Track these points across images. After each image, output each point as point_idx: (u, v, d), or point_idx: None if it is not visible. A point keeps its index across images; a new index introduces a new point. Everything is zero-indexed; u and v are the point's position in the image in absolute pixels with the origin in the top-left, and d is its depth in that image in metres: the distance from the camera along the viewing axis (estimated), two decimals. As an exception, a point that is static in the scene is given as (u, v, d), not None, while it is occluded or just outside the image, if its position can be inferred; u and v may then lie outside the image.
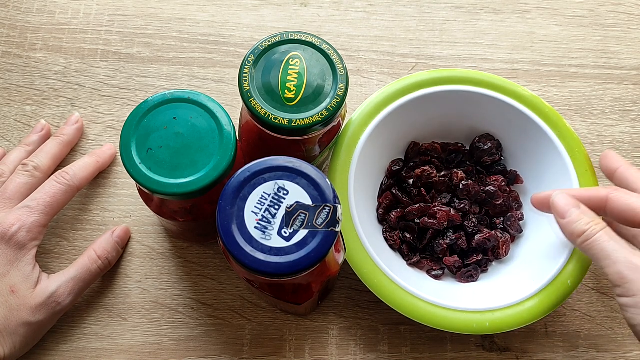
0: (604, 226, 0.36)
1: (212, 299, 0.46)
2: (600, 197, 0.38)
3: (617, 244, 0.35)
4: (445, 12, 0.56)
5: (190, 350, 0.45)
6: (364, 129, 0.44)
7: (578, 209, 0.38)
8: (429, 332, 0.46)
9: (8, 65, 0.52)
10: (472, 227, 0.46)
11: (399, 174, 0.48)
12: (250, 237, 0.32)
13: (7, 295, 0.41)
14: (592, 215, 0.37)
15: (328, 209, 0.33)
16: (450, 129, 0.48)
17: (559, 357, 0.46)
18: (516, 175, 0.48)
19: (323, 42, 0.39)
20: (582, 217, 0.37)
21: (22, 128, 0.50)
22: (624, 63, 0.54)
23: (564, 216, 0.38)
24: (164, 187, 0.35)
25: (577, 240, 0.37)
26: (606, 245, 0.35)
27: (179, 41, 0.53)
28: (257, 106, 0.37)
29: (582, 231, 0.36)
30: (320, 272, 0.37)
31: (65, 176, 0.44)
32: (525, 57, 0.54)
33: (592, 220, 0.37)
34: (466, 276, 0.45)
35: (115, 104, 0.51)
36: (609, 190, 0.38)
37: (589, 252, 0.36)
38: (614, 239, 0.35)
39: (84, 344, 0.45)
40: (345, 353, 0.45)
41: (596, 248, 0.36)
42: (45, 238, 0.47)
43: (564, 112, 0.53)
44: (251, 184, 0.33)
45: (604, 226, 0.36)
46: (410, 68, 0.54)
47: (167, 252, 0.47)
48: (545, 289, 0.41)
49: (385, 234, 0.46)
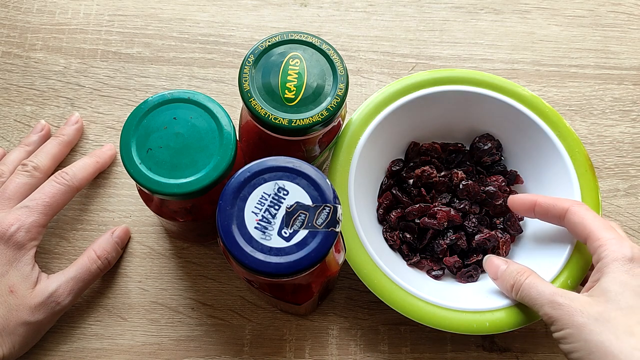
0: (529, 274, 0.39)
1: (212, 299, 0.46)
2: (562, 208, 0.40)
3: (542, 288, 0.38)
4: (445, 12, 0.56)
5: (190, 350, 0.45)
6: (364, 129, 0.44)
7: (505, 265, 0.41)
8: (429, 332, 0.46)
9: (8, 65, 0.52)
10: (472, 227, 0.46)
11: (399, 174, 0.48)
12: (250, 237, 0.32)
13: (6, 295, 0.41)
14: (518, 267, 0.41)
15: (328, 209, 0.33)
16: (450, 129, 0.48)
17: (559, 357, 0.46)
18: (516, 176, 0.48)
19: (323, 42, 0.39)
20: (509, 271, 0.41)
21: (22, 128, 0.50)
22: (624, 63, 0.54)
23: (496, 276, 0.42)
24: (164, 187, 0.35)
25: (512, 294, 0.40)
26: (532, 292, 0.38)
27: (179, 41, 0.53)
28: (257, 106, 0.37)
29: (511, 285, 0.40)
30: (320, 272, 0.37)
31: (65, 176, 0.44)
32: (525, 57, 0.54)
33: (517, 272, 0.40)
34: (466, 276, 0.45)
35: (115, 104, 0.51)
36: (571, 203, 0.40)
37: (524, 301, 0.39)
38: (538, 284, 0.38)
39: (84, 344, 0.45)
40: (345, 353, 0.45)
41: (525, 296, 0.39)
42: (45, 238, 0.47)
43: (564, 112, 0.53)
44: (251, 184, 0.33)
45: (530, 274, 0.40)
46: (410, 68, 0.54)
47: (167, 252, 0.47)
48: None
49: (385, 234, 0.46)
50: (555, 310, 0.36)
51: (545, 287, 0.38)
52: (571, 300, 0.36)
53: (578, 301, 0.36)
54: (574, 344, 0.35)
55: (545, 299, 0.37)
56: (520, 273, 0.40)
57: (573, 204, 0.40)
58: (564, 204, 0.41)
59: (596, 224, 0.38)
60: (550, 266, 0.42)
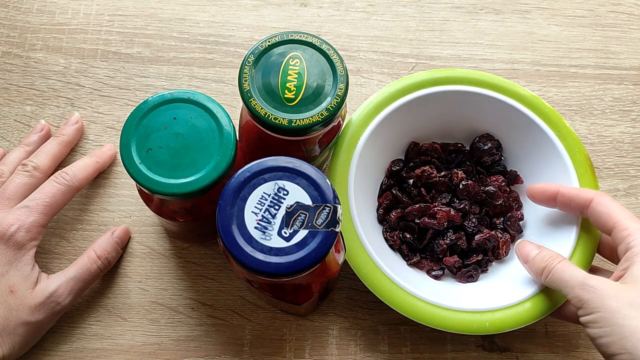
0: (562, 259, 0.40)
1: (212, 299, 0.46)
2: (586, 197, 0.41)
3: (574, 272, 0.38)
4: (445, 12, 0.56)
5: (190, 350, 0.45)
6: (364, 129, 0.44)
7: (537, 250, 0.42)
8: (429, 332, 0.46)
9: (8, 65, 0.52)
10: (472, 227, 0.46)
11: (399, 174, 0.48)
12: (250, 237, 0.32)
13: (6, 295, 0.41)
14: (551, 252, 0.41)
15: (328, 209, 0.33)
16: (450, 129, 0.48)
17: (559, 357, 0.46)
18: (516, 176, 0.48)
19: (323, 42, 0.39)
20: (542, 255, 0.41)
21: (22, 128, 0.50)
22: (624, 63, 0.54)
23: (527, 259, 0.42)
24: (164, 187, 0.35)
25: (541, 276, 0.40)
26: (564, 275, 0.38)
27: (179, 41, 0.53)
28: (257, 106, 0.37)
29: (542, 267, 0.40)
30: (320, 272, 0.37)
31: (65, 176, 0.44)
32: (525, 57, 0.54)
33: (550, 257, 0.40)
34: (466, 276, 0.45)
35: (115, 104, 0.51)
36: (596, 193, 0.41)
37: (553, 285, 0.39)
38: (570, 268, 0.38)
39: (84, 344, 0.45)
40: (345, 353, 0.45)
41: (556, 279, 0.39)
42: (45, 238, 0.47)
43: (564, 112, 0.53)
44: (251, 184, 0.33)
45: (562, 259, 0.40)
46: (410, 68, 0.54)
47: (167, 252, 0.47)
48: (546, 289, 0.41)
49: (385, 234, 0.46)
50: (587, 293, 0.36)
51: (578, 271, 0.38)
52: (604, 284, 0.36)
53: (611, 286, 0.36)
54: (604, 328, 0.35)
55: (577, 281, 0.37)
56: (553, 257, 0.40)
57: (597, 194, 0.40)
58: (587, 193, 0.41)
59: (622, 214, 0.39)
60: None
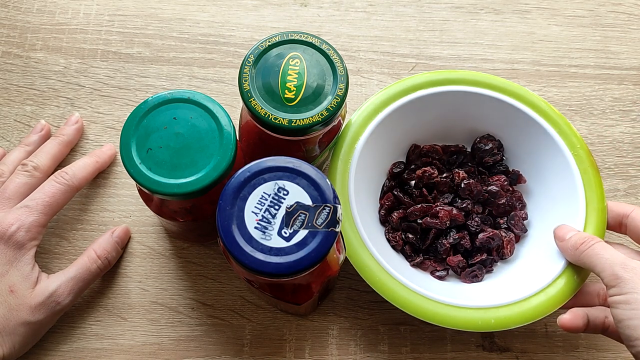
0: (600, 240, 0.40)
1: (212, 299, 0.46)
2: (623, 211, 0.42)
3: (613, 251, 0.38)
4: (445, 12, 0.56)
5: (190, 350, 0.45)
6: (364, 129, 0.44)
7: (576, 231, 0.42)
8: (429, 332, 0.46)
9: (8, 65, 0.52)
10: (475, 226, 0.45)
11: (400, 176, 0.48)
12: (250, 237, 0.32)
13: (6, 294, 0.41)
14: (591, 234, 0.41)
15: (328, 209, 0.33)
16: (451, 130, 0.48)
17: (559, 357, 0.46)
18: (519, 175, 0.48)
19: (323, 42, 0.39)
20: (581, 234, 0.41)
21: (22, 128, 0.50)
22: (624, 63, 0.54)
23: (564, 238, 0.42)
24: (164, 187, 0.35)
25: (577, 250, 0.40)
26: (604, 253, 0.38)
27: (179, 41, 0.53)
28: (257, 106, 0.37)
29: (581, 242, 0.40)
30: (320, 272, 0.37)
31: (65, 176, 0.44)
32: (525, 57, 0.54)
33: (590, 237, 0.40)
34: (471, 276, 0.45)
35: (115, 104, 0.51)
36: (635, 207, 0.42)
37: (587, 260, 0.39)
38: (611, 249, 0.39)
39: (84, 344, 0.45)
40: (345, 353, 0.45)
41: (594, 254, 0.39)
42: (45, 238, 0.47)
43: (564, 112, 0.53)
44: (251, 184, 0.33)
45: (601, 240, 0.40)
46: (410, 68, 0.54)
47: (167, 252, 0.47)
48: (552, 285, 0.41)
49: (388, 235, 0.46)
50: (627, 272, 0.36)
51: (617, 252, 0.38)
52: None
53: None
54: (635, 311, 0.35)
55: (618, 259, 0.37)
56: (592, 237, 0.40)
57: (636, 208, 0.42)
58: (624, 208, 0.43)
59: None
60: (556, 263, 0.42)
